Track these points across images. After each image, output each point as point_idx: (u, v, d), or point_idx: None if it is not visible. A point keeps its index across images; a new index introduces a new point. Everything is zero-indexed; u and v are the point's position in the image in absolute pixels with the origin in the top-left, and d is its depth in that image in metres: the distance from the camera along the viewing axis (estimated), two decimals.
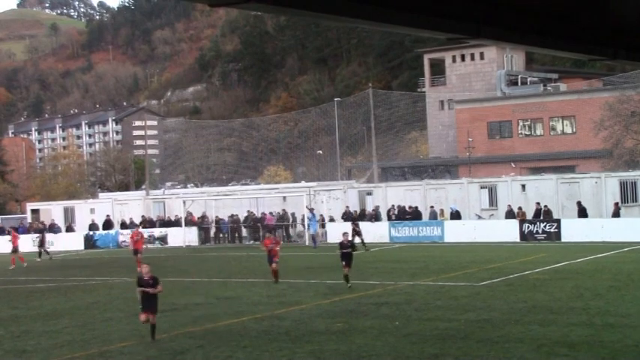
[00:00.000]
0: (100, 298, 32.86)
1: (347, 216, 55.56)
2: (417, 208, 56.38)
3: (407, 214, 55.74)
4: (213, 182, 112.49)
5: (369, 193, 62.14)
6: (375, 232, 53.68)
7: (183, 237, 62.11)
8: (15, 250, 49.26)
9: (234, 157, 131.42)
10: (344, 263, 31.67)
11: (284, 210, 61.35)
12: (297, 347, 21.08)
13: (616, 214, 49.67)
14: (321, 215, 59.08)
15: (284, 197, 64.01)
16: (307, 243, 56.39)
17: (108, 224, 66.90)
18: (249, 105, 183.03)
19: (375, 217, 56.54)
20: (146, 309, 22.46)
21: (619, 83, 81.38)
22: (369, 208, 59.00)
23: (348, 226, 46.99)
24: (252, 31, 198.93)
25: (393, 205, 57.78)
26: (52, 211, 73.35)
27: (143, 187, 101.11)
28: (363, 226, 52.10)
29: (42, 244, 55.80)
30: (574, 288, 28.98)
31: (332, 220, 58.52)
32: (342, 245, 32.27)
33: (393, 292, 30.49)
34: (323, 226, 58.48)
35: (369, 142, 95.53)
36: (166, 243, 63.16)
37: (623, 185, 52.71)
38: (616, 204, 50.38)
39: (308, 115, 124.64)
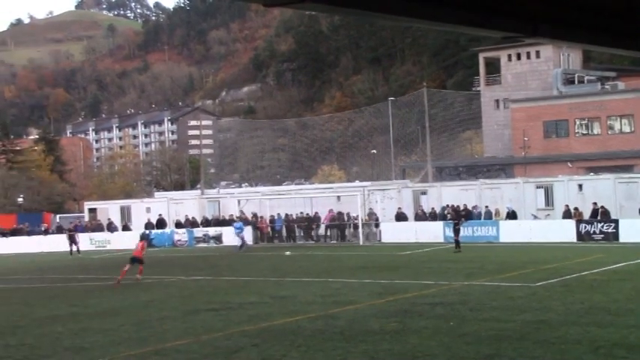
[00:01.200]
0: (156, 296, 33.15)
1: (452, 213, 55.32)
2: (469, 207, 56.06)
3: (462, 214, 55.47)
4: (267, 182, 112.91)
5: (424, 193, 61.90)
6: (429, 232, 53.44)
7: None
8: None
9: (288, 157, 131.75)
10: None
11: (340, 212, 61.43)
12: (351, 347, 21.04)
13: None
14: (376, 215, 59.05)
15: (338, 197, 64.02)
16: (361, 242, 56.40)
17: (161, 223, 67.52)
18: (304, 105, 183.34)
19: (470, 214, 56.07)
20: None
21: None
22: (426, 208, 58.78)
23: (404, 226, 46.85)
24: (306, 31, 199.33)
25: (447, 205, 57.50)
26: (109, 210, 74.28)
27: (198, 186, 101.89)
28: (419, 225, 51.96)
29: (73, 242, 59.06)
30: (632, 289, 28.57)
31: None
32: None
33: (447, 292, 30.31)
34: (377, 225, 58.38)
35: (423, 141, 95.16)
36: (221, 242, 63.55)
37: None
38: None
39: (362, 115, 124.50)
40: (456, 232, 46.95)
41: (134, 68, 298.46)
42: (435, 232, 53.97)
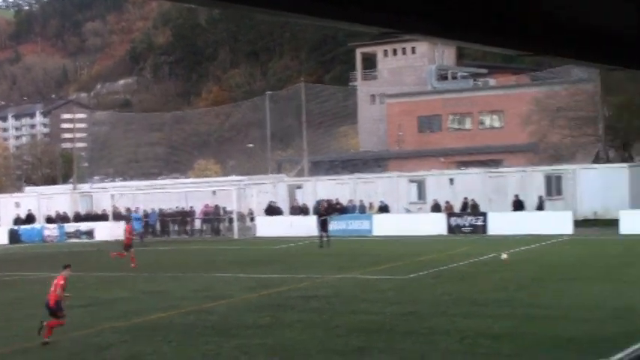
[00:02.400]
0: (22, 293, 32.32)
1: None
2: (341, 201, 56.59)
3: (335, 208, 55.94)
4: (143, 176, 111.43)
5: (299, 187, 62.18)
6: (304, 225, 53.66)
7: (110, 231, 61.37)
8: None
9: (164, 151, 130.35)
10: None
11: (216, 206, 61.14)
12: (224, 341, 21.00)
13: (540, 207, 50.49)
14: (250, 209, 59.13)
15: (213, 191, 63.69)
16: (236, 236, 56.32)
17: (30, 218, 65.91)
18: (181, 98, 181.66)
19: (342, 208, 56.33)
20: None
21: (546, 79, 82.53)
22: (301, 202, 59.03)
23: (279, 220, 46.92)
24: (184, 24, 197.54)
25: (322, 199, 57.83)
26: None
27: (70, 180, 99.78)
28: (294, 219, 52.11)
29: None
30: (498, 280, 29.36)
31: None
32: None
33: (320, 285, 30.54)
34: (252, 219, 58.41)
35: (299, 135, 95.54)
36: (93, 237, 62.36)
37: (548, 179, 53.59)
38: (540, 197, 51.25)
39: (239, 109, 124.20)
40: (323, 225, 46.82)
41: (5, 59, 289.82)
42: (309, 226, 54.17)
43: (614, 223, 46.16)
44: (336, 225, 53.65)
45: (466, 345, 19.12)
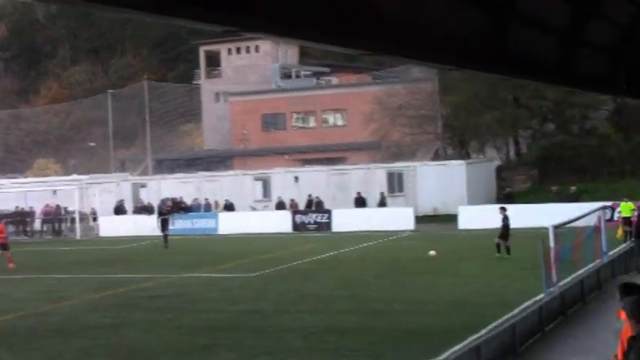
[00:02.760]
0: None
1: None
2: (186, 200, 56.27)
3: (180, 207, 55.52)
4: None
5: (143, 186, 61.36)
6: (149, 225, 52.94)
7: None
8: None
9: (0, 150, 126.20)
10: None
11: (57, 205, 59.58)
12: (67, 343, 20.57)
13: (382, 203, 51.43)
14: (92, 208, 57.96)
15: (54, 191, 62.05)
16: (78, 237, 55.12)
17: None
18: (17, 96, 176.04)
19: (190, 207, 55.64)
20: None
21: (387, 78, 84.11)
22: (146, 201, 58.22)
23: (123, 219, 45.99)
24: (20, 19, 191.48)
25: (167, 198, 57.24)
26: None
27: None
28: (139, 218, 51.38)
29: None
30: (343, 276, 29.80)
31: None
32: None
33: (165, 284, 30.26)
34: (95, 219, 57.28)
35: (143, 134, 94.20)
36: None
37: (390, 176, 54.74)
38: (381, 194, 52.28)
39: (80, 107, 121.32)
40: (164, 225, 45.64)
41: None
42: (154, 226, 53.45)
43: (453, 218, 47.59)
44: (181, 224, 53.22)
45: (312, 341, 19.35)
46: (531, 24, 9.85)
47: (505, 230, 31.71)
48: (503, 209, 32.69)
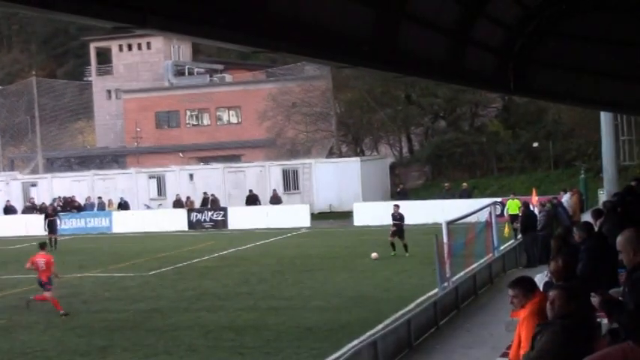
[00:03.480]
0: None
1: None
2: (79, 199, 55.45)
3: (73, 206, 54.66)
4: None
5: (34, 185, 60.14)
6: (40, 225, 51.88)
7: None
8: None
9: None
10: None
11: None
12: None
13: (277, 200, 51.49)
14: None
15: None
16: None
17: None
18: None
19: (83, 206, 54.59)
20: None
21: (281, 75, 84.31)
22: (37, 200, 56.99)
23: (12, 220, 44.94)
24: None
25: (59, 197, 56.30)
26: None
27: None
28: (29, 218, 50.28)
29: None
30: (240, 274, 29.83)
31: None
32: (394, 217, 31.75)
33: (60, 285, 29.63)
34: None
35: (33, 131, 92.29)
36: None
37: (286, 173, 54.98)
38: (274, 191, 52.40)
39: None
40: (50, 226, 43.32)
41: None
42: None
43: (348, 215, 48.06)
44: (74, 223, 52.47)
45: (210, 339, 19.38)
46: (421, 23, 10.13)
47: (399, 228, 31.71)
48: (396, 207, 32.80)
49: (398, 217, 31.80)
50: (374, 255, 30.26)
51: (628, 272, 8.09)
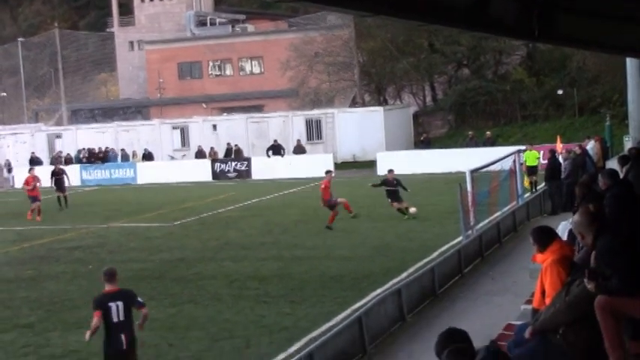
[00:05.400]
0: None
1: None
2: (106, 149, 55.62)
3: (98, 157, 54.96)
4: None
5: (59, 136, 60.41)
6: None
7: None
8: None
9: None
10: (390, 200, 29.13)
11: None
12: None
13: (300, 150, 51.49)
14: (7, 160, 56.88)
15: None
16: None
17: None
18: None
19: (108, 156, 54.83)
20: None
21: (303, 25, 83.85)
22: (62, 152, 57.28)
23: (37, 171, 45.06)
24: None
25: (83, 148, 56.58)
26: None
27: None
28: None
29: None
30: (264, 224, 29.94)
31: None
32: (387, 182, 29.37)
33: (86, 235, 30.05)
34: (10, 171, 56.23)
35: (57, 83, 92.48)
36: None
37: (309, 123, 54.88)
38: (298, 141, 52.36)
39: None
40: (58, 184, 40.28)
41: None
42: (72, 176, 52.67)
43: (371, 164, 47.97)
44: (99, 174, 52.89)
45: (235, 288, 19.52)
46: None
47: (394, 193, 29.29)
48: (391, 171, 30.04)
49: (395, 183, 29.43)
50: (412, 210, 28.92)
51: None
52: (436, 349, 6.06)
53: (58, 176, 40.23)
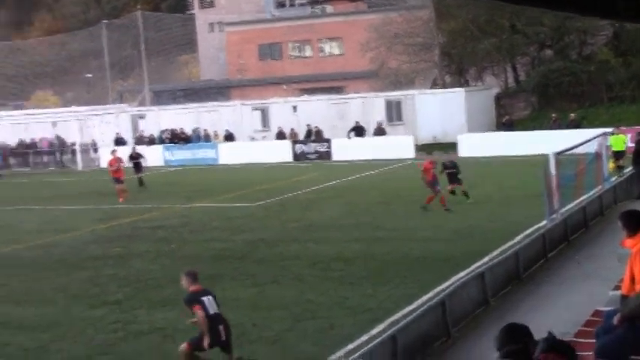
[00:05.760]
0: None
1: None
2: (186, 131, 56.36)
3: (180, 138, 55.65)
4: None
5: (142, 117, 61.26)
6: (150, 155, 52.84)
7: None
8: None
9: None
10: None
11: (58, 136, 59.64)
12: (74, 273, 20.85)
13: (381, 132, 51.37)
14: (93, 140, 57.98)
15: (54, 122, 62.05)
16: (80, 168, 55.35)
17: None
18: (12, 28, 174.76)
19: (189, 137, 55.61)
20: None
21: (382, 5, 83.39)
22: (145, 132, 58.17)
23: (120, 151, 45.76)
24: None
25: (166, 129, 57.33)
26: None
27: None
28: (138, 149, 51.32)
29: None
30: (345, 205, 29.94)
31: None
32: (445, 166, 28.95)
33: (169, 215, 30.46)
34: (96, 151, 57.28)
35: (139, 65, 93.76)
36: None
37: (389, 105, 54.64)
38: (379, 123, 52.20)
39: (75, 38, 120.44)
40: (136, 167, 41.05)
41: None
42: (154, 156, 53.52)
43: (453, 146, 47.59)
44: (181, 154, 53.58)
45: (318, 269, 19.55)
46: None
47: (453, 175, 28.62)
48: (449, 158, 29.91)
49: (451, 165, 28.85)
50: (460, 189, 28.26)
51: None
52: (495, 345, 6.03)
53: (135, 160, 40.74)
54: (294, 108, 56.70)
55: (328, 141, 50.95)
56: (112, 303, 17.69)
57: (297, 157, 50.71)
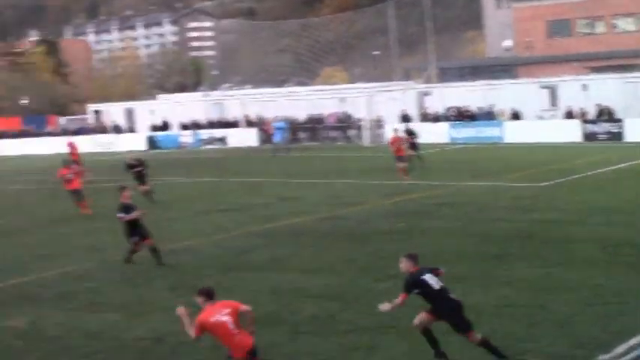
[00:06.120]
0: (163, 197, 33.21)
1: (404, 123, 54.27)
2: (471, 108, 56.03)
3: (466, 115, 55.49)
4: (270, 83, 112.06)
5: (427, 94, 61.60)
6: (434, 133, 53.17)
7: (242, 138, 62.55)
8: None
9: (290, 59, 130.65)
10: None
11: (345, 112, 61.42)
12: (359, 247, 21.26)
13: None
14: (379, 116, 58.98)
15: (342, 98, 63.78)
16: (366, 144, 56.55)
17: (165, 125, 67.73)
18: (305, 5, 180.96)
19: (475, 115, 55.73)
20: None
21: None
22: (430, 109, 58.46)
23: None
24: None
25: (452, 107, 57.32)
26: (114, 111, 74.25)
27: (201, 88, 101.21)
28: (424, 126, 51.73)
29: None
30: (639, 188, 28.61)
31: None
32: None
33: (454, 192, 30.47)
34: (381, 127, 58.25)
35: (424, 42, 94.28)
36: (226, 144, 63.59)
37: None
38: None
39: (363, 15, 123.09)
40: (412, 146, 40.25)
41: None
42: (439, 133, 53.75)
43: None
44: (466, 132, 53.45)
45: (607, 254, 18.79)
46: None
47: None
48: None
49: None
50: None
51: None
52: None
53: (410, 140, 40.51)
54: (585, 86, 54.77)
55: (620, 121, 48.92)
56: (396, 277, 17.86)
57: (587, 137, 49.13)
